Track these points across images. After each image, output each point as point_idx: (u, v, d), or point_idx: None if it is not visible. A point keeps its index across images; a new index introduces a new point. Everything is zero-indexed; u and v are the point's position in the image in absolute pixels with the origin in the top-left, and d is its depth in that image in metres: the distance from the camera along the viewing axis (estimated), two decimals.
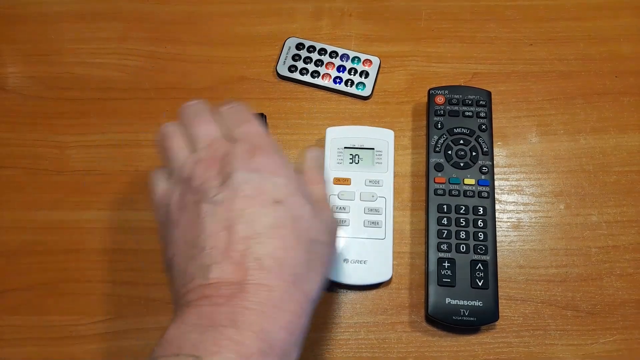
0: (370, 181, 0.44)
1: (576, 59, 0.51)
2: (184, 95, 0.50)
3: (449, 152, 0.45)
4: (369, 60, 0.50)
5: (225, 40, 0.52)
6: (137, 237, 0.46)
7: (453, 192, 0.44)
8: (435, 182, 0.44)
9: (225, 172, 0.29)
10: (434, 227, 0.43)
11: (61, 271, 0.45)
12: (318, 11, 0.53)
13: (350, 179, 0.44)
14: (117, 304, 0.44)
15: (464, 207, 0.43)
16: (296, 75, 0.50)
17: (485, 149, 0.45)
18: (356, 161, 0.45)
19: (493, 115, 0.47)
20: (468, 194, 0.43)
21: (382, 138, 0.46)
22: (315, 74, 0.50)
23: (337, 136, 0.45)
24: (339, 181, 0.44)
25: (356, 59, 0.50)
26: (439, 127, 0.46)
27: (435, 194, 0.44)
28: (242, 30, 0.53)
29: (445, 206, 0.43)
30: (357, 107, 0.50)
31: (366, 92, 0.49)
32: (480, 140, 0.45)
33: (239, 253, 0.26)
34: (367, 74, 0.50)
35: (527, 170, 0.47)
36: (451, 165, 0.44)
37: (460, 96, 0.46)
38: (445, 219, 0.43)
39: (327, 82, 0.50)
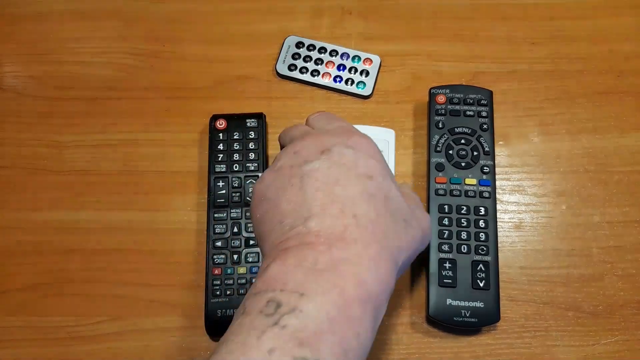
0: None
1: (578, 58, 0.50)
2: (183, 94, 0.50)
3: (450, 151, 0.45)
4: (369, 59, 0.50)
5: (224, 39, 0.52)
6: (136, 237, 0.45)
7: (454, 192, 0.43)
8: (436, 182, 0.44)
9: (325, 147, 0.30)
10: (434, 228, 0.42)
11: (60, 271, 0.45)
12: (318, 10, 0.53)
13: None
14: (117, 304, 0.44)
15: (465, 208, 0.43)
16: (296, 74, 0.50)
17: (486, 149, 0.45)
18: None
19: (494, 115, 0.47)
20: (469, 194, 0.43)
21: (383, 138, 0.46)
22: (315, 72, 0.50)
23: None
24: None
25: (356, 58, 0.50)
26: (440, 126, 0.45)
27: (436, 194, 0.43)
28: (242, 29, 0.52)
29: (446, 206, 0.43)
30: (358, 106, 0.49)
31: (367, 91, 0.49)
32: (481, 139, 0.45)
33: (337, 209, 0.27)
34: (367, 73, 0.50)
35: (529, 170, 0.47)
36: (452, 165, 0.44)
37: (462, 95, 0.46)
38: (446, 219, 0.43)
39: (327, 81, 0.49)
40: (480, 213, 0.43)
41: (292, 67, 0.50)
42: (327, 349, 0.22)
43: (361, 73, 0.50)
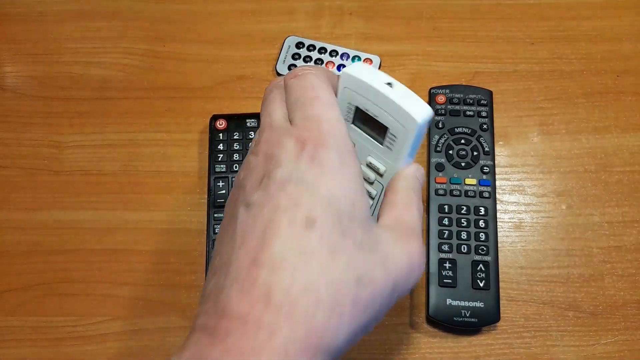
0: (370, 166, 0.30)
1: (578, 58, 0.50)
2: (183, 94, 0.50)
3: (450, 151, 0.45)
4: (369, 59, 0.50)
5: (224, 39, 0.52)
6: (136, 237, 0.45)
7: (454, 192, 0.43)
8: (436, 182, 0.44)
9: (267, 169, 0.23)
10: (434, 228, 0.42)
11: (60, 272, 0.45)
12: (318, 10, 0.53)
13: (355, 144, 0.29)
14: (117, 304, 0.44)
15: (465, 207, 0.43)
16: None
17: (486, 149, 0.45)
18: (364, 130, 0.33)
19: (494, 115, 0.47)
20: (469, 194, 0.43)
21: (404, 121, 0.27)
22: None
23: (353, 87, 0.28)
24: None
25: (356, 58, 0.50)
26: (440, 126, 0.45)
27: (436, 194, 0.43)
28: (242, 29, 0.52)
29: (446, 206, 0.43)
30: None
31: None
32: (481, 139, 0.45)
33: (252, 278, 0.21)
34: None
35: (529, 170, 0.47)
36: (452, 165, 0.44)
37: (462, 95, 0.46)
38: (446, 219, 0.43)
39: None
40: (480, 213, 0.43)
41: (292, 68, 0.50)
42: None
43: None
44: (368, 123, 0.28)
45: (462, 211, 0.43)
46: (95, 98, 0.50)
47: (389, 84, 0.26)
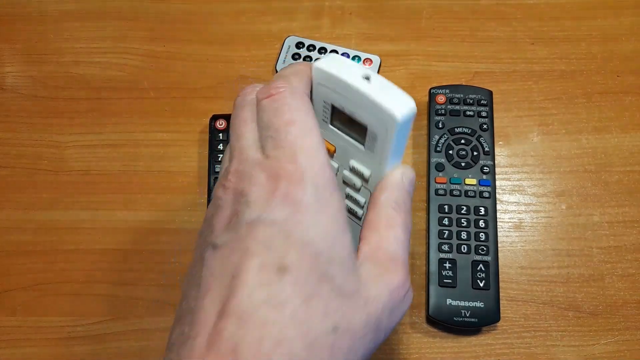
0: (354, 170, 0.27)
1: (578, 58, 0.50)
2: (183, 94, 0.50)
3: (450, 151, 0.45)
4: (369, 59, 0.50)
5: (224, 39, 0.52)
6: (136, 237, 0.45)
7: (454, 192, 0.43)
8: (436, 182, 0.44)
9: (236, 208, 0.21)
10: (434, 228, 0.42)
11: (60, 271, 0.45)
12: (318, 10, 0.53)
13: (335, 147, 0.27)
14: (116, 304, 0.44)
15: (464, 207, 0.43)
16: None
17: (486, 149, 0.45)
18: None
19: (494, 115, 0.47)
20: (469, 194, 0.43)
21: (382, 119, 0.24)
22: None
23: (326, 83, 0.25)
24: None
25: (356, 58, 0.50)
26: (440, 126, 0.45)
27: (437, 194, 0.43)
28: (242, 29, 0.52)
29: (446, 206, 0.43)
30: None
31: None
32: (481, 139, 0.45)
33: (218, 331, 0.19)
34: None
35: (529, 170, 0.47)
36: (452, 165, 0.44)
37: (462, 95, 0.46)
38: (446, 219, 0.43)
39: None
40: (480, 213, 0.43)
41: None
42: None
43: None
44: (347, 123, 0.25)
45: (462, 211, 0.43)
46: (96, 98, 0.50)
47: (366, 77, 0.23)
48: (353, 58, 0.50)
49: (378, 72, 0.50)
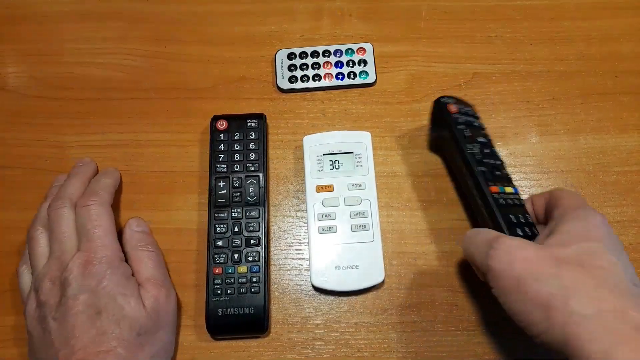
0: (353, 185, 0.44)
1: (576, 59, 0.51)
2: (184, 95, 0.50)
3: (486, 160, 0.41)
4: (362, 48, 0.50)
5: (225, 40, 0.52)
6: None
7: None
8: (492, 192, 0.39)
9: (63, 288, 0.36)
10: None
11: None
12: (318, 11, 0.53)
13: (332, 185, 0.44)
14: None
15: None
16: (299, 84, 0.50)
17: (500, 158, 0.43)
18: (337, 167, 0.45)
19: (493, 116, 0.47)
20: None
21: (359, 141, 0.46)
22: (316, 77, 0.50)
23: (315, 143, 0.46)
24: (321, 189, 0.44)
25: (349, 51, 0.50)
26: (468, 136, 0.42)
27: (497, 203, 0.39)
28: (243, 30, 0.53)
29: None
30: (357, 106, 0.50)
31: (371, 79, 0.49)
32: (493, 150, 0.43)
33: None
34: (365, 62, 0.50)
35: (527, 170, 0.47)
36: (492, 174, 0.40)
37: (465, 108, 0.44)
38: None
39: (331, 82, 0.50)
40: None
41: (292, 80, 0.50)
42: None
43: (359, 63, 0.50)
44: (335, 158, 0.45)
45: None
46: (97, 98, 0.50)
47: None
48: (346, 52, 0.50)
49: (374, 57, 0.50)
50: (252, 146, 0.46)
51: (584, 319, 0.27)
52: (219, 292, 0.41)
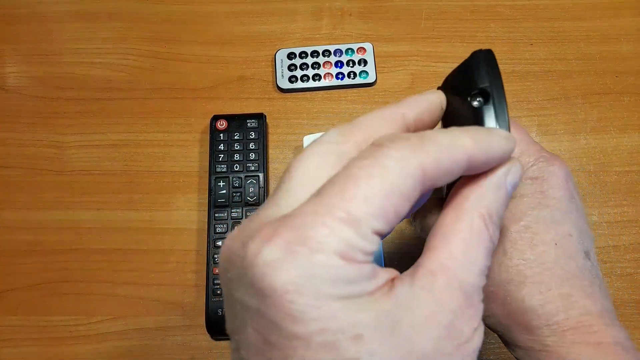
0: None
1: (576, 58, 0.51)
2: (183, 95, 0.50)
3: None
4: (362, 48, 0.50)
5: (225, 40, 0.52)
6: (137, 236, 0.46)
7: None
8: None
9: None
10: None
11: (61, 271, 0.45)
12: (318, 11, 0.53)
13: None
14: (117, 304, 0.44)
15: None
16: (299, 84, 0.50)
17: None
18: None
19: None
20: None
21: None
22: (316, 77, 0.50)
23: None
24: None
25: (349, 51, 0.50)
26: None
27: None
28: (243, 30, 0.53)
29: None
30: (357, 106, 0.50)
31: (371, 79, 0.49)
32: None
33: None
34: (365, 62, 0.50)
35: None
36: None
37: None
38: None
39: (331, 81, 0.50)
40: None
41: (292, 79, 0.50)
42: None
43: (359, 63, 0.50)
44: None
45: None
46: (97, 98, 0.50)
47: None
48: (347, 51, 0.50)
49: (374, 57, 0.50)
50: (252, 146, 0.46)
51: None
52: (219, 292, 0.41)
